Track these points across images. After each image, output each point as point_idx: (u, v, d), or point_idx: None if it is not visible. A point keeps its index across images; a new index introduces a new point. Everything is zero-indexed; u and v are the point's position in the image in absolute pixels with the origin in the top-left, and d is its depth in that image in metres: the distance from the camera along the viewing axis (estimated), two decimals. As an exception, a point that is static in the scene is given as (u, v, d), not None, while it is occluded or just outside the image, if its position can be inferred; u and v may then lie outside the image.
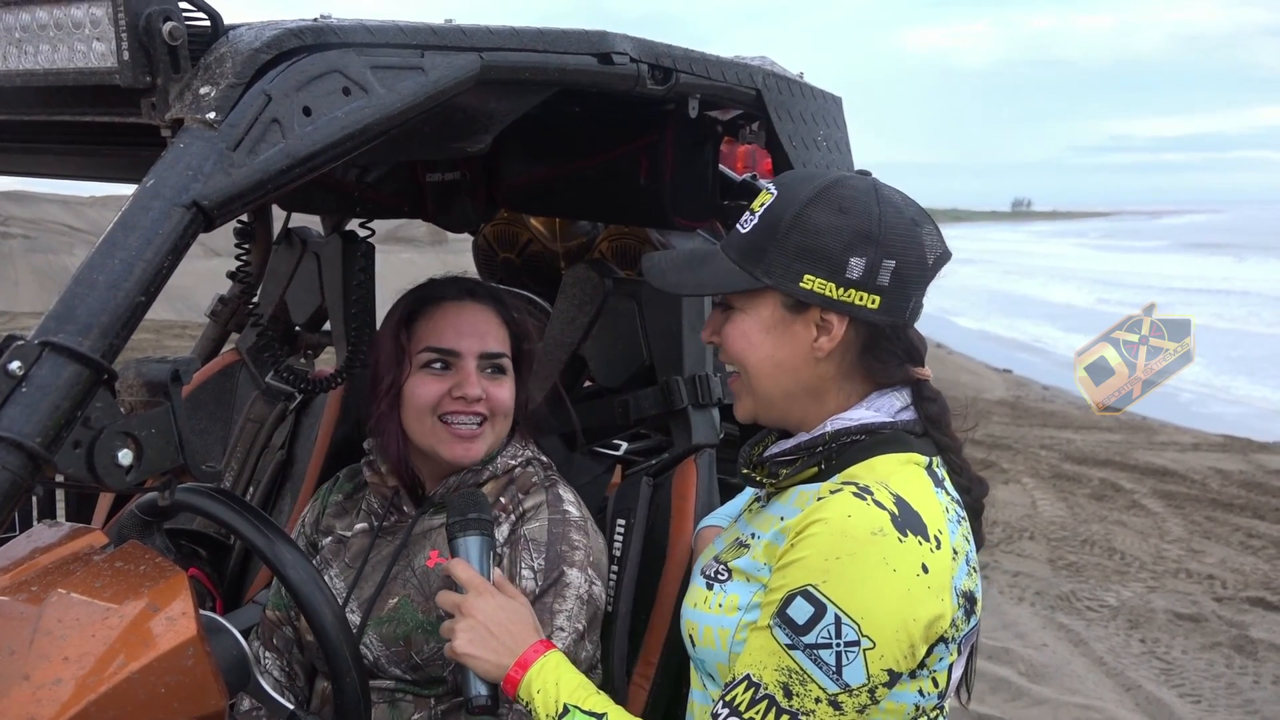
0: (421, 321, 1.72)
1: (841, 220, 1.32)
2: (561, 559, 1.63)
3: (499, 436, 1.73)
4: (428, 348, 1.70)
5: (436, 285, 1.78)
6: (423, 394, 1.68)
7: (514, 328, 1.77)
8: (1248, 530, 7.16)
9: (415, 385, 1.69)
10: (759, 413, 1.44)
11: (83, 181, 3.06)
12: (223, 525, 1.43)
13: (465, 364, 1.69)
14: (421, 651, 1.64)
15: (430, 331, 1.71)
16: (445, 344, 1.69)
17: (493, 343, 1.72)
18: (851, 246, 1.31)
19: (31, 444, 0.99)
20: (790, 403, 1.40)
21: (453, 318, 1.72)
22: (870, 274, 1.32)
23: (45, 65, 1.18)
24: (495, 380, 1.71)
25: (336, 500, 1.86)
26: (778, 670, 1.25)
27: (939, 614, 1.26)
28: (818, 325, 1.35)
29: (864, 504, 1.26)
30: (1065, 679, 4.86)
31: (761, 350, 1.38)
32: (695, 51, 1.62)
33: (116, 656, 1.10)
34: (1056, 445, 9.54)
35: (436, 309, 1.73)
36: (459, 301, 1.74)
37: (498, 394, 1.71)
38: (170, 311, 14.50)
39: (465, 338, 1.70)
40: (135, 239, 1.06)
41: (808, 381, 1.38)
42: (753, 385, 1.41)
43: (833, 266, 1.32)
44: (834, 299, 1.32)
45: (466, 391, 1.67)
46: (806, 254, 1.32)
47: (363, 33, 1.21)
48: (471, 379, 1.68)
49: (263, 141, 1.11)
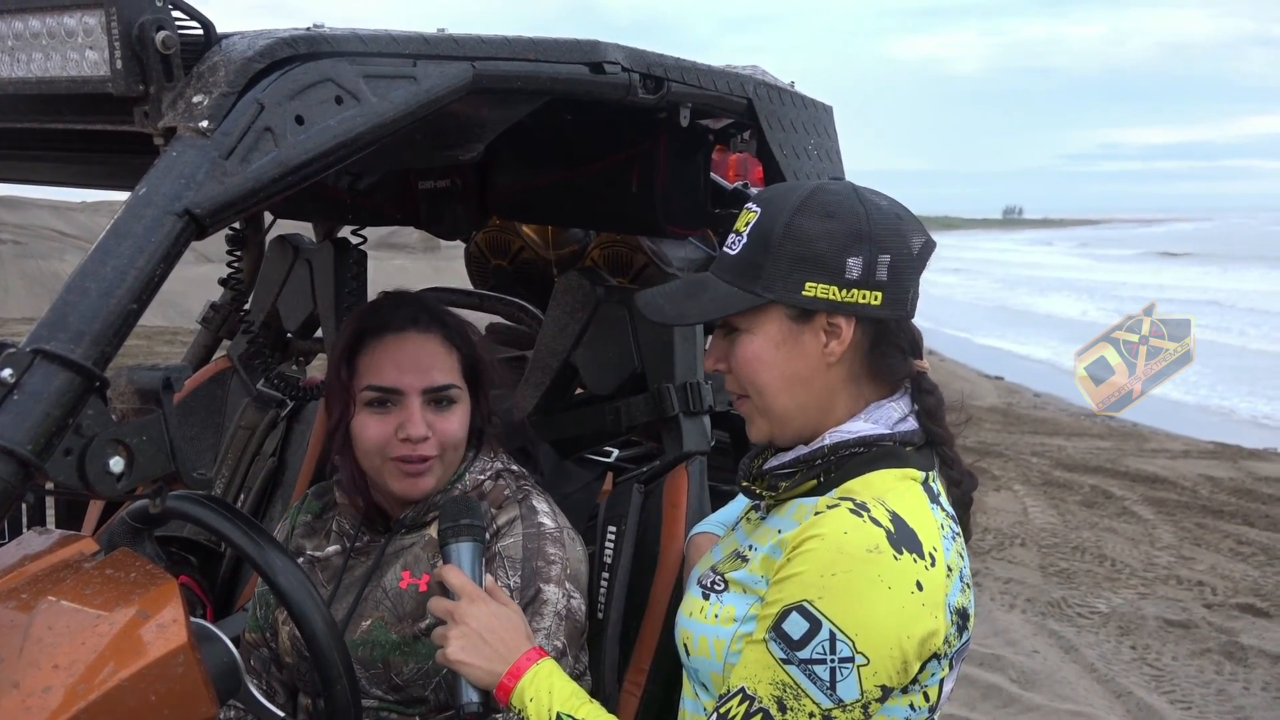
0: (364, 356, 1.65)
1: (831, 224, 1.33)
2: (537, 575, 1.59)
3: (449, 467, 1.68)
4: (369, 386, 1.63)
5: (379, 313, 1.70)
6: (368, 435, 1.63)
7: (464, 350, 1.70)
8: (1238, 537, 7.19)
9: (361, 426, 1.64)
10: (775, 433, 1.41)
11: (75, 189, 3.05)
12: (213, 532, 1.43)
13: (409, 402, 1.63)
14: (401, 673, 1.62)
15: (371, 368, 1.64)
16: (386, 382, 1.63)
17: (438, 375, 1.65)
18: (846, 248, 1.32)
19: (23, 451, 0.99)
20: (805, 416, 1.39)
21: (394, 352, 1.64)
22: (869, 271, 1.33)
23: (38, 73, 1.18)
24: (443, 413, 1.65)
25: (305, 520, 1.81)
26: (772, 684, 1.25)
27: (932, 631, 1.26)
28: (825, 331, 1.35)
29: (860, 520, 1.26)
30: (1056, 686, 4.87)
31: (775, 368, 1.36)
32: (687, 61, 1.63)
33: (106, 664, 1.10)
34: (1048, 452, 9.56)
35: (378, 343, 1.65)
36: (400, 334, 1.65)
37: (445, 428, 1.65)
38: (162, 318, 14.44)
39: (407, 374, 1.63)
40: (127, 247, 1.06)
41: (820, 391, 1.38)
42: (768, 405, 1.39)
43: (831, 270, 1.32)
44: (839, 301, 1.33)
45: (410, 433, 1.61)
46: (804, 262, 1.32)
47: (355, 42, 1.21)
48: (415, 418, 1.62)
49: (255, 150, 1.12)
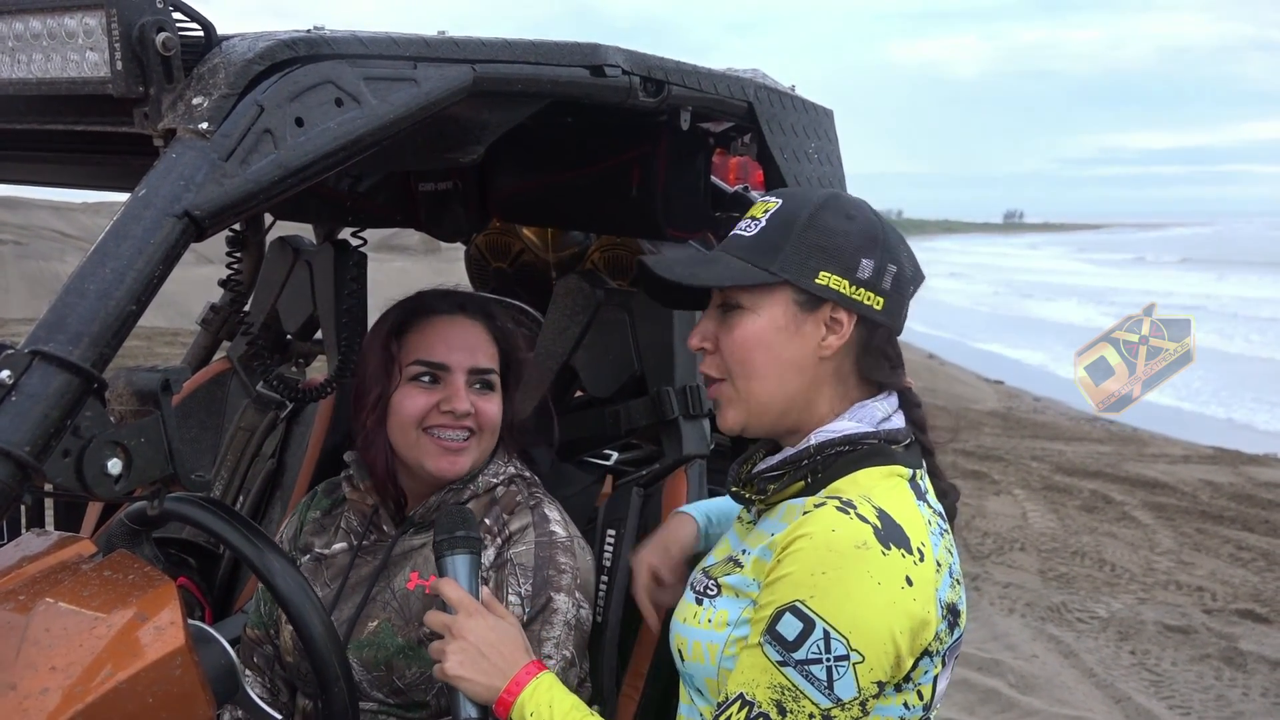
0: (412, 334, 1.71)
1: (851, 225, 1.37)
2: (549, 584, 1.60)
3: (484, 452, 1.72)
4: (417, 360, 1.68)
5: (428, 298, 1.77)
6: (410, 406, 1.67)
7: (504, 343, 1.76)
8: (1237, 542, 7.19)
9: (403, 398, 1.68)
10: (749, 422, 1.41)
11: (75, 190, 3.05)
12: (211, 534, 1.43)
13: (454, 379, 1.68)
14: (404, 676, 1.62)
15: (420, 344, 1.69)
16: (435, 358, 1.68)
17: (483, 358, 1.71)
18: (862, 249, 1.36)
19: (21, 453, 0.99)
20: (785, 406, 1.39)
21: (444, 332, 1.70)
22: (878, 276, 1.37)
23: (39, 74, 1.18)
24: (484, 395, 1.70)
25: (314, 517, 1.83)
26: (770, 688, 1.25)
27: (924, 624, 1.26)
28: (827, 324, 1.37)
29: (847, 518, 1.26)
30: (1055, 690, 4.86)
31: (771, 351, 1.37)
32: (687, 64, 1.63)
33: (104, 666, 1.09)
34: (1048, 456, 9.55)
35: (427, 322, 1.71)
36: (450, 316, 1.73)
37: (486, 409, 1.69)
38: (161, 319, 14.44)
39: (456, 352, 1.69)
40: (127, 248, 1.06)
41: (808, 382, 1.38)
42: (751, 390, 1.39)
43: (846, 264, 1.36)
44: (847, 296, 1.36)
45: (455, 406, 1.66)
46: (821, 251, 1.36)
47: (356, 44, 1.21)
48: (460, 393, 1.67)
49: (255, 152, 1.12)
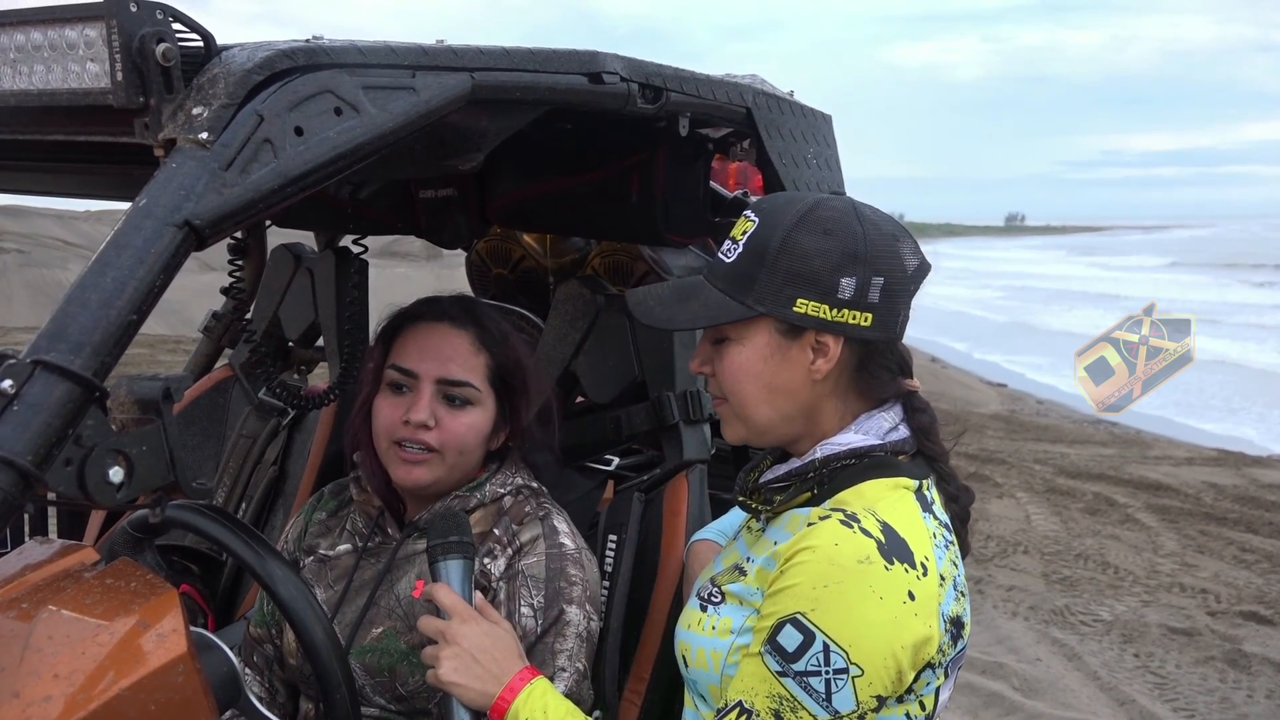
0: (396, 339, 1.69)
1: (828, 242, 1.33)
2: (560, 596, 1.59)
3: (451, 469, 1.66)
4: (392, 365, 1.67)
5: (421, 303, 1.75)
6: (381, 418, 1.65)
7: (497, 353, 1.69)
8: (1241, 544, 7.17)
9: (379, 405, 1.67)
10: (752, 439, 1.43)
11: (77, 199, 3.07)
12: (213, 541, 1.43)
13: (421, 386, 1.64)
14: (407, 684, 1.62)
15: (399, 350, 1.67)
16: (407, 364, 1.65)
17: (456, 369, 1.65)
18: (840, 267, 1.32)
19: (23, 462, 0.99)
20: (787, 426, 1.40)
21: (421, 339, 1.67)
22: (861, 293, 1.33)
23: (40, 85, 1.19)
24: (454, 411, 1.64)
25: (320, 518, 1.82)
26: (769, 697, 1.25)
27: (926, 639, 1.26)
28: (813, 348, 1.35)
29: (851, 532, 1.26)
30: (1059, 693, 4.86)
31: (760, 379, 1.37)
32: (686, 70, 1.63)
33: (107, 673, 1.10)
34: (1050, 459, 9.54)
35: (411, 327, 1.69)
36: (432, 323, 1.69)
37: (451, 425, 1.63)
38: (164, 326, 14.48)
39: (426, 360, 1.64)
40: (127, 258, 1.06)
41: (805, 404, 1.38)
42: (748, 414, 1.40)
43: (824, 289, 1.32)
44: (828, 320, 1.33)
45: (412, 416, 1.62)
46: (797, 278, 1.32)
47: (354, 53, 1.21)
48: (421, 403, 1.62)
49: (255, 161, 1.12)
